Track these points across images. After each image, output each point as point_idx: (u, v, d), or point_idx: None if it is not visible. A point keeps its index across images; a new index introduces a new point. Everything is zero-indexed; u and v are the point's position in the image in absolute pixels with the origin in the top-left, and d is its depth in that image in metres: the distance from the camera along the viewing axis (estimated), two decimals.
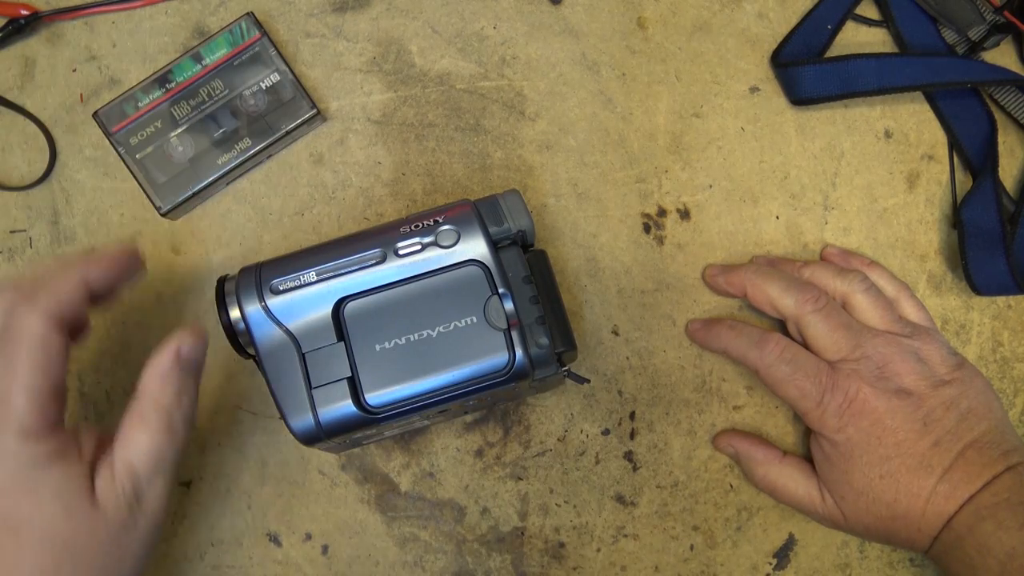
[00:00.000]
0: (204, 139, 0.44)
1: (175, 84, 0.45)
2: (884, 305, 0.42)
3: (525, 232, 0.39)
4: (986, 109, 0.47)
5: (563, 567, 0.45)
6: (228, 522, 0.45)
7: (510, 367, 0.36)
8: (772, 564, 0.45)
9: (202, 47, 0.45)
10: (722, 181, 0.47)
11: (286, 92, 0.45)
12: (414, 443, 0.45)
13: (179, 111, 0.44)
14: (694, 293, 0.46)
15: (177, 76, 0.45)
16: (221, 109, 0.45)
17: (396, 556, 0.45)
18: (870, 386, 0.39)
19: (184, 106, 0.44)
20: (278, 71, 0.45)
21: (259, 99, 0.45)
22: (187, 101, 0.45)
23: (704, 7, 0.48)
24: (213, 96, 0.45)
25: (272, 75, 0.45)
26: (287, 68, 0.45)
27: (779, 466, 0.43)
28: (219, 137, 0.45)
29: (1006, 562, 0.36)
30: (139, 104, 0.44)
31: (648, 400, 0.46)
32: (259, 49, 0.45)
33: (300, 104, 0.45)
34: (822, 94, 0.46)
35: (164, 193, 0.45)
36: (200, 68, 0.45)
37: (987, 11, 0.47)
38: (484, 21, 0.48)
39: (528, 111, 0.47)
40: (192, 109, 0.44)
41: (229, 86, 0.45)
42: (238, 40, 0.45)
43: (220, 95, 0.45)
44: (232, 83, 0.45)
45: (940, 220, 0.47)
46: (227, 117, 0.45)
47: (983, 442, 0.39)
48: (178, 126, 0.44)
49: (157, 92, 0.45)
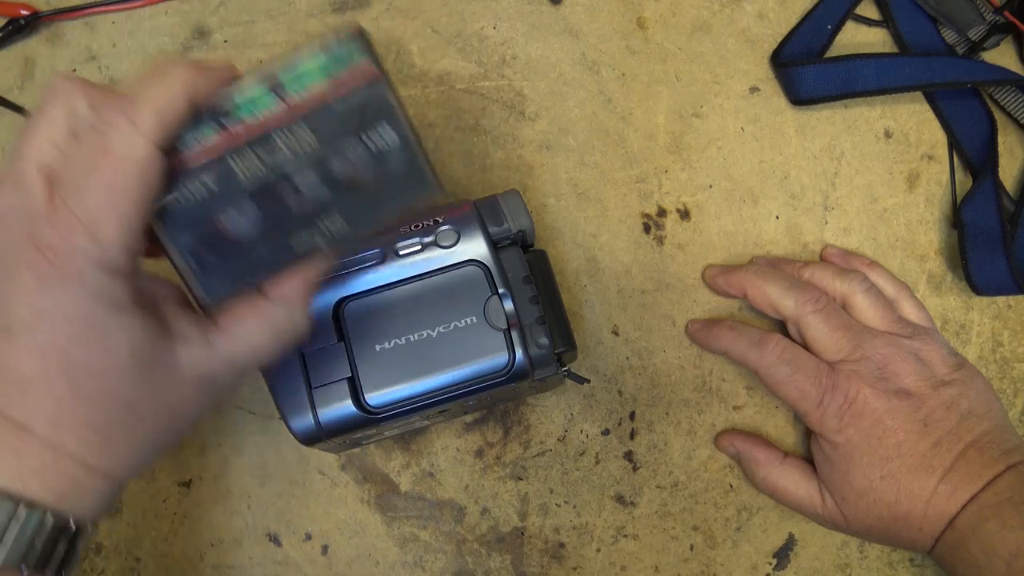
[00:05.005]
0: (276, 210, 0.31)
1: (239, 123, 0.29)
2: (884, 306, 0.42)
3: (525, 232, 0.39)
4: (986, 109, 0.47)
5: (563, 567, 0.45)
6: (228, 522, 0.45)
7: (510, 367, 0.36)
8: (772, 564, 0.45)
9: (282, 70, 0.29)
10: (722, 181, 0.47)
11: (400, 160, 0.30)
12: (414, 443, 0.45)
13: (243, 164, 0.30)
14: (694, 293, 0.46)
15: (244, 112, 0.29)
16: (304, 170, 0.30)
17: (396, 556, 0.45)
18: (870, 387, 0.39)
19: (250, 159, 0.30)
20: (393, 125, 0.30)
21: (362, 163, 0.30)
22: (255, 151, 0.30)
23: (704, 7, 0.48)
24: (294, 149, 0.30)
25: (386, 133, 0.30)
26: (408, 127, 0.30)
27: (780, 468, 0.43)
28: (298, 210, 0.31)
29: (1011, 561, 0.36)
30: (184, 151, 0.29)
31: (648, 400, 0.46)
32: (372, 91, 0.29)
33: (419, 179, 0.31)
34: (822, 94, 0.46)
35: (210, 280, 0.31)
36: (281, 105, 0.29)
37: (987, 11, 0.46)
38: (484, 21, 0.48)
39: (528, 111, 0.47)
40: (263, 165, 0.30)
41: (321, 138, 0.30)
42: (338, 67, 0.29)
43: (305, 149, 0.30)
44: (325, 133, 0.30)
45: (940, 220, 0.47)
46: (312, 182, 0.30)
47: (984, 442, 0.39)
48: (240, 187, 0.30)
49: (210, 132, 0.29)
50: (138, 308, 0.29)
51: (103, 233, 0.27)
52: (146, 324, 0.29)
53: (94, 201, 0.27)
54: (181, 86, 0.28)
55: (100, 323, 0.28)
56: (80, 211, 0.27)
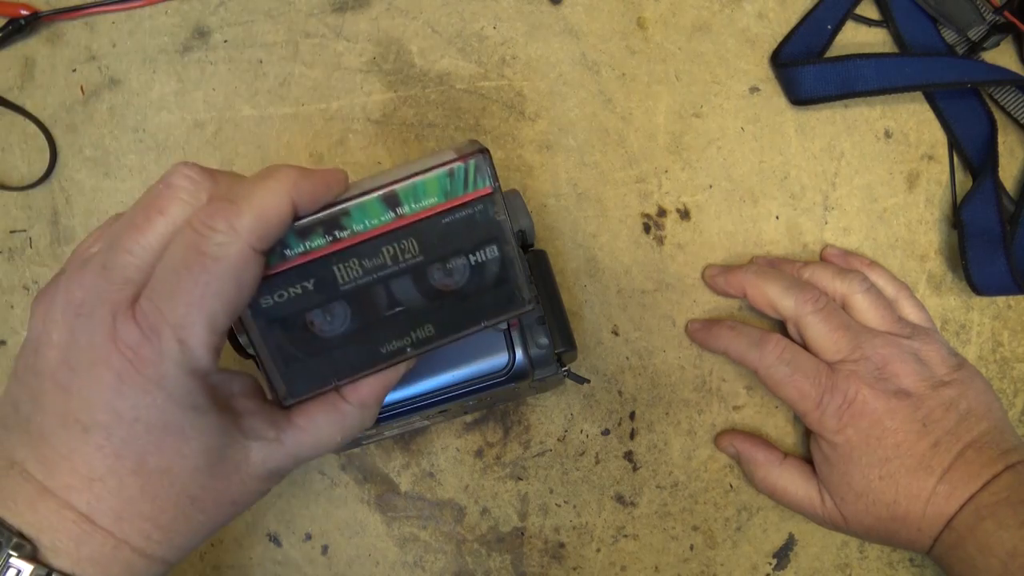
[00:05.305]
0: (368, 314, 0.31)
1: (349, 234, 0.29)
2: (884, 306, 0.42)
3: (525, 232, 0.39)
4: (986, 109, 0.47)
5: (563, 567, 0.45)
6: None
7: (510, 367, 0.36)
8: (772, 564, 0.45)
9: (402, 186, 0.29)
10: (722, 181, 0.47)
11: (496, 272, 0.31)
12: (414, 443, 0.45)
13: (346, 273, 0.30)
14: (694, 293, 0.46)
15: (356, 223, 0.29)
16: (403, 278, 0.31)
17: (396, 556, 0.45)
18: (869, 387, 0.39)
19: (354, 267, 0.30)
20: (499, 245, 0.31)
21: (460, 274, 0.31)
22: (360, 260, 0.30)
23: (704, 7, 0.48)
24: (399, 259, 0.30)
25: (489, 248, 0.31)
26: (512, 242, 0.31)
27: (779, 468, 0.43)
28: (390, 315, 0.31)
29: (1007, 561, 0.36)
30: (287, 252, 0.29)
31: (648, 400, 0.46)
32: (483, 208, 0.30)
33: (513, 293, 0.32)
34: (822, 94, 0.46)
35: (293, 379, 0.31)
36: (393, 218, 0.30)
37: (987, 11, 0.46)
38: (484, 21, 0.48)
39: (528, 111, 0.47)
40: (363, 272, 0.30)
41: (426, 249, 0.30)
42: (458, 190, 0.30)
43: (408, 259, 0.30)
44: (431, 246, 0.30)
45: (940, 220, 0.47)
46: (407, 288, 0.31)
47: (983, 442, 0.39)
48: (337, 291, 0.30)
49: (319, 240, 0.29)
50: (214, 408, 0.29)
51: (190, 336, 0.27)
52: (221, 424, 0.29)
53: (184, 303, 0.26)
54: (286, 191, 0.28)
55: (177, 426, 0.28)
56: (168, 312, 0.27)
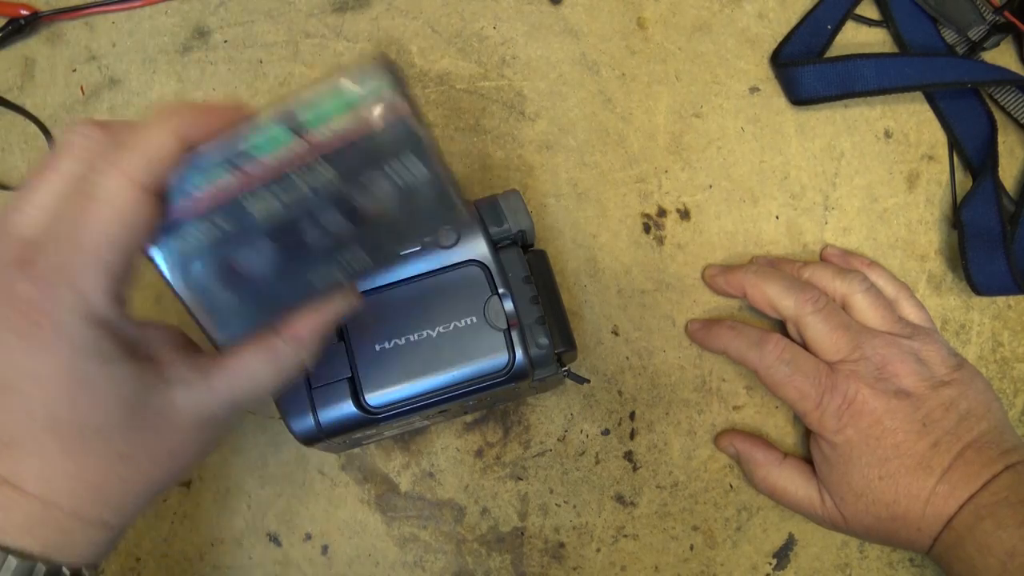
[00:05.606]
0: (293, 248, 0.29)
1: (255, 165, 0.27)
2: (884, 306, 0.42)
3: (525, 232, 0.39)
4: (986, 109, 0.47)
5: (563, 567, 0.45)
6: (228, 522, 0.45)
7: (510, 367, 0.36)
8: (772, 564, 0.45)
9: (302, 107, 0.27)
10: (722, 181, 0.47)
11: (427, 194, 0.29)
12: (414, 443, 0.45)
13: (258, 205, 0.28)
14: (694, 293, 0.46)
15: (260, 152, 0.27)
16: (325, 206, 0.28)
17: (396, 556, 0.45)
18: (869, 387, 0.39)
19: (267, 199, 0.28)
20: (420, 158, 0.28)
21: (385, 195, 0.29)
22: (273, 191, 0.28)
23: (704, 7, 0.48)
24: (314, 187, 0.28)
25: (410, 162, 0.28)
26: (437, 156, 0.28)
27: (779, 468, 0.43)
28: (317, 245, 0.29)
29: (1006, 561, 0.36)
30: (192, 191, 0.28)
31: (648, 400, 0.46)
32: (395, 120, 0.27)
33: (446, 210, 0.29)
34: (822, 94, 0.46)
35: (226, 321, 0.30)
36: (299, 142, 0.27)
37: (987, 11, 0.46)
38: (484, 21, 0.48)
39: (528, 111, 0.47)
40: (280, 204, 0.28)
41: (343, 174, 0.28)
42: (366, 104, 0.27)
43: (326, 186, 0.28)
44: (347, 169, 0.28)
45: (940, 220, 0.47)
46: (332, 215, 0.29)
47: (982, 442, 0.39)
48: (256, 227, 0.28)
49: (222, 174, 0.28)
50: (127, 357, 0.28)
51: (85, 283, 0.26)
52: (137, 373, 0.28)
53: (74, 251, 0.26)
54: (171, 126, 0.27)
55: (87, 378, 0.27)
56: (61, 263, 0.26)
